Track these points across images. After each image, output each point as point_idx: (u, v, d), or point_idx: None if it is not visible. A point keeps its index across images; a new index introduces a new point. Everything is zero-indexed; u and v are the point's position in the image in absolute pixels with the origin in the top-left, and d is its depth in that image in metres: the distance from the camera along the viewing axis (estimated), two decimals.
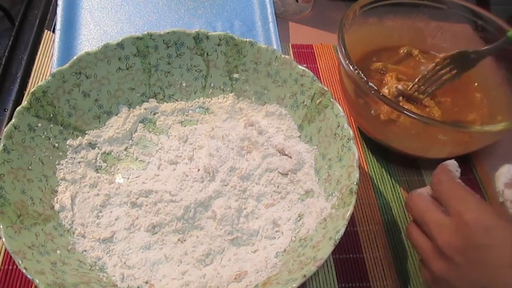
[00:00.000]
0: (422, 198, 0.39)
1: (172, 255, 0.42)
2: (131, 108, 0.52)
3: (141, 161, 0.49)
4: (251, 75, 0.52)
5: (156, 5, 0.65)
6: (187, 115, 0.53)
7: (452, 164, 0.39)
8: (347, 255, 0.46)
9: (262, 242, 0.44)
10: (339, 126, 0.45)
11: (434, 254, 0.36)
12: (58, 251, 0.40)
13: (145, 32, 0.51)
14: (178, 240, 0.43)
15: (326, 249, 0.37)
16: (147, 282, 0.41)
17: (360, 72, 0.45)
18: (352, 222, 0.48)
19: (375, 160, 0.53)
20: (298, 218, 0.45)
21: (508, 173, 0.38)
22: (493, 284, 0.33)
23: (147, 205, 0.45)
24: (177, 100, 0.54)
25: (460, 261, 0.34)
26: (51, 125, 0.47)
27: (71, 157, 0.47)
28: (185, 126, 0.52)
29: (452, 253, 0.34)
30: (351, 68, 0.46)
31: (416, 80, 0.52)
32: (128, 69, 0.51)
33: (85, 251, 0.42)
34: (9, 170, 0.42)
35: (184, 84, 0.54)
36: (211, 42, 0.52)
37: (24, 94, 0.56)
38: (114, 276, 0.41)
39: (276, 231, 0.44)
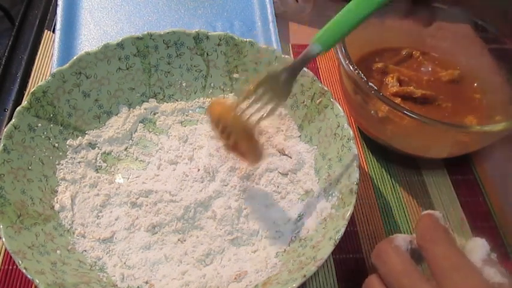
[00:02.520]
0: (400, 254, 0.32)
1: (172, 255, 0.42)
2: (131, 108, 0.52)
3: (141, 161, 0.49)
4: (251, 75, 0.52)
5: (156, 5, 0.65)
6: (187, 115, 0.53)
7: (440, 217, 0.34)
8: (347, 255, 0.46)
9: (262, 242, 0.44)
10: (339, 126, 0.45)
11: None
12: (58, 251, 0.40)
13: (145, 32, 0.51)
14: (178, 240, 0.43)
15: (326, 249, 0.37)
16: (147, 282, 0.41)
17: (360, 72, 0.45)
18: (352, 222, 0.48)
19: (375, 160, 0.53)
20: (298, 218, 0.45)
21: (482, 247, 0.33)
22: None
23: (147, 205, 0.45)
24: (177, 100, 0.54)
25: None
26: (51, 125, 0.47)
27: (71, 157, 0.47)
28: (185, 126, 0.52)
29: None
30: (351, 68, 0.46)
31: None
32: (127, 69, 0.51)
33: (85, 251, 0.42)
34: (9, 170, 0.42)
35: (184, 84, 0.54)
36: (211, 42, 0.52)
37: (24, 94, 0.56)
38: (114, 276, 0.41)
39: (276, 231, 0.44)
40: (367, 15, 0.38)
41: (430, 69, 0.55)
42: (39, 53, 0.60)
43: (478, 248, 0.32)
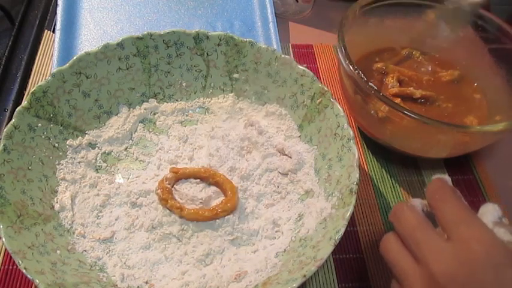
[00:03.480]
0: (415, 212, 0.34)
1: (172, 255, 0.42)
2: (131, 108, 0.52)
3: (141, 161, 0.49)
4: (251, 75, 0.52)
5: (156, 5, 0.65)
6: (187, 115, 0.53)
7: (449, 180, 0.36)
8: (347, 255, 0.46)
9: (262, 242, 0.44)
10: (339, 126, 0.45)
11: (421, 281, 0.31)
12: (58, 251, 0.40)
13: (145, 32, 0.51)
14: (178, 240, 0.43)
15: (326, 249, 0.37)
16: (147, 282, 0.41)
17: (360, 72, 0.45)
18: (352, 222, 0.48)
19: (375, 160, 0.53)
20: (298, 218, 0.45)
21: (494, 211, 0.34)
22: None
23: (147, 205, 0.45)
24: (177, 100, 0.54)
25: None
26: (51, 125, 0.47)
27: (71, 157, 0.47)
28: (185, 126, 0.52)
29: (448, 284, 0.29)
30: (351, 68, 0.46)
31: None
32: (128, 69, 0.51)
33: (85, 251, 0.42)
34: (9, 170, 0.42)
35: (184, 84, 0.54)
36: (211, 42, 0.52)
37: (24, 94, 0.56)
38: (114, 276, 0.41)
39: (276, 231, 0.44)
40: None
41: (430, 69, 0.55)
42: (39, 53, 0.60)
43: (489, 211, 0.34)
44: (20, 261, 0.36)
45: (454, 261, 0.30)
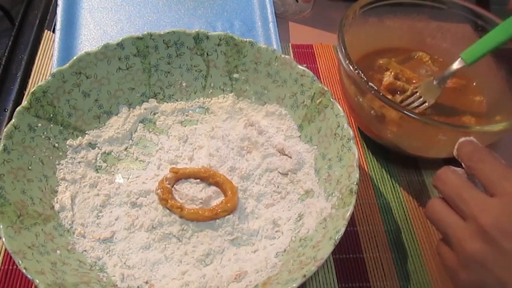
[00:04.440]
0: (458, 175, 0.35)
1: (172, 255, 0.42)
2: (131, 108, 0.52)
3: (141, 161, 0.49)
4: (251, 75, 0.52)
5: (156, 5, 0.65)
6: (187, 115, 0.53)
7: (475, 140, 0.37)
8: (347, 255, 0.46)
9: (262, 242, 0.44)
10: (339, 126, 0.45)
11: (471, 235, 0.32)
12: (58, 251, 0.40)
13: (145, 32, 0.51)
14: (178, 240, 0.43)
15: (326, 249, 0.37)
16: (147, 282, 0.41)
17: (360, 72, 0.45)
18: (352, 222, 0.48)
19: (375, 160, 0.53)
20: (298, 218, 0.45)
21: None
22: None
23: (147, 205, 0.45)
24: (177, 100, 0.54)
25: (508, 245, 0.30)
26: (51, 125, 0.47)
27: (71, 157, 0.47)
28: (185, 126, 0.52)
29: (499, 236, 0.31)
30: (351, 68, 0.46)
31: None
32: (128, 69, 0.51)
33: (85, 251, 0.42)
34: (9, 170, 0.42)
35: (184, 84, 0.54)
36: (211, 42, 0.52)
37: (24, 94, 0.56)
38: (114, 276, 0.41)
39: (276, 231, 0.44)
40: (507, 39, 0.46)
41: (434, 74, 0.55)
42: (39, 53, 0.60)
43: None
44: (20, 261, 0.36)
45: (502, 213, 0.31)
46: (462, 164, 0.37)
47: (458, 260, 0.34)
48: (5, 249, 0.43)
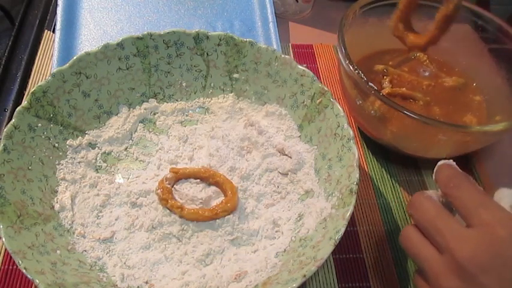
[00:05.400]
0: (433, 202, 0.34)
1: (172, 255, 0.42)
2: (131, 108, 0.52)
3: (141, 161, 0.49)
4: (251, 75, 0.52)
5: (156, 5, 0.65)
6: (187, 115, 0.53)
7: (455, 165, 0.36)
8: (347, 255, 0.46)
9: (262, 242, 0.44)
10: (339, 126, 0.45)
11: (447, 269, 0.31)
12: (58, 251, 0.40)
13: (145, 32, 0.51)
14: (178, 240, 0.43)
15: (326, 249, 0.37)
16: (147, 282, 0.41)
17: (360, 72, 0.45)
18: (352, 222, 0.48)
19: (375, 160, 0.53)
20: (298, 218, 0.45)
21: (509, 195, 0.34)
22: None
23: (147, 205, 0.45)
24: (177, 100, 0.54)
25: (485, 281, 0.29)
26: (51, 125, 0.47)
27: (71, 157, 0.47)
28: (185, 126, 0.52)
29: (475, 271, 0.29)
30: (351, 68, 0.46)
31: None
32: (128, 69, 0.51)
33: (85, 251, 0.42)
34: (9, 170, 0.42)
35: (184, 84, 0.54)
36: (211, 42, 0.52)
37: (24, 94, 0.56)
38: (114, 276, 0.41)
39: (276, 231, 0.44)
40: None
41: (433, 74, 0.55)
42: (39, 53, 0.60)
43: (505, 196, 0.34)
44: (20, 261, 0.36)
45: (479, 246, 0.30)
46: (439, 189, 0.36)
47: None
48: (5, 249, 0.43)
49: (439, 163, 0.37)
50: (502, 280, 0.29)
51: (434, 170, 0.37)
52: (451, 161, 0.37)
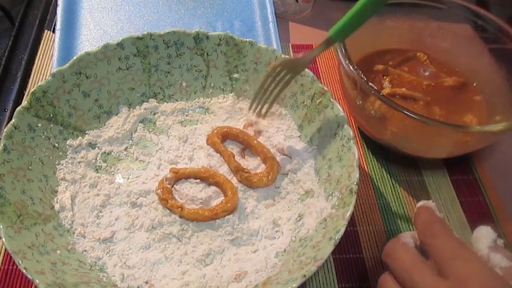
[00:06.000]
0: (408, 251, 0.34)
1: (172, 255, 0.42)
2: (131, 108, 0.52)
3: (141, 161, 0.49)
4: (251, 75, 0.52)
5: (156, 5, 0.65)
6: (187, 115, 0.53)
7: (435, 208, 0.36)
8: (347, 255, 0.46)
9: (262, 242, 0.44)
10: (339, 126, 0.45)
11: None
12: (58, 251, 0.40)
13: (145, 32, 0.51)
14: (178, 240, 0.43)
15: (326, 249, 0.37)
16: (147, 282, 0.41)
17: (360, 72, 0.45)
18: (352, 222, 0.48)
19: (375, 160, 0.53)
20: (298, 218, 0.45)
21: (488, 235, 0.34)
22: None
23: (147, 205, 0.45)
24: (177, 100, 0.54)
25: None
26: (51, 125, 0.47)
27: (71, 157, 0.47)
28: (185, 126, 0.52)
29: None
30: (351, 68, 0.46)
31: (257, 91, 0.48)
32: (128, 69, 0.51)
33: (85, 251, 0.42)
34: (9, 170, 0.42)
35: (184, 84, 0.54)
36: (211, 42, 0.52)
37: (24, 94, 0.56)
38: (114, 276, 0.41)
39: (276, 231, 0.44)
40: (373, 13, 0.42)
41: (433, 74, 0.55)
42: (39, 53, 0.60)
43: (483, 236, 0.34)
44: (20, 261, 0.36)
45: None
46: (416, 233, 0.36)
47: None
48: (5, 249, 0.43)
49: (418, 204, 0.37)
50: None
51: (414, 212, 0.37)
52: (430, 201, 0.37)
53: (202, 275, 0.41)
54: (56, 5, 0.62)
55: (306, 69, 0.49)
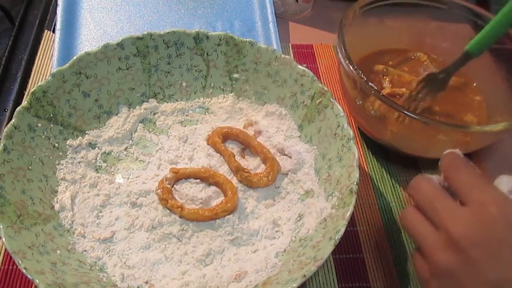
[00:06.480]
0: (431, 183, 0.36)
1: (172, 255, 0.42)
2: (131, 108, 0.52)
3: (141, 161, 0.49)
4: (251, 75, 0.52)
5: (156, 5, 0.65)
6: (187, 115, 0.53)
7: (460, 153, 0.37)
8: (347, 255, 0.46)
9: (262, 242, 0.44)
10: (339, 126, 0.45)
11: (442, 245, 0.33)
12: (58, 251, 0.40)
13: (145, 32, 0.51)
14: (178, 240, 0.43)
15: (326, 249, 0.37)
16: (147, 282, 0.41)
17: (360, 72, 0.45)
18: (352, 222, 0.48)
19: (375, 160, 0.53)
20: (298, 218, 0.45)
21: (509, 182, 0.35)
22: (510, 282, 0.30)
23: (147, 205, 0.45)
24: (177, 100, 0.54)
25: (476, 255, 0.31)
26: (51, 125, 0.47)
27: (71, 157, 0.47)
28: (185, 126, 0.52)
29: (467, 246, 0.31)
30: (351, 68, 0.46)
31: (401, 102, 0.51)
32: (128, 69, 0.51)
33: (85, 251, 0.42)
34: (9, 170, 0.42)
35: (184, 84, 0.54)
36: (211, 42, 0.52)
37: (24, 94, 0.56)
38: (114, 276, 0.41)
39: (276, 231, 0.44)
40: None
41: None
42: (39, 53, 0.60)
43: (504, 182, 0.35)
44: (20, 261, 0.36)
45: (472, 223, 0.32)
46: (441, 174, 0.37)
47: (429, 270, 0.34)
48: (5, 249, 0.43)
49: (445, 151, 0.38)
50: (491, 253, 0.31)
51: (441, 158, 0.38)
52: (458, 150, 0.38)
53: (202, 275, 0.41)
54: (56, 5, 0.62)
55: (306, 69, 0.49)
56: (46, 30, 0.63)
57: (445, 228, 0.33)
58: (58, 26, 0.60)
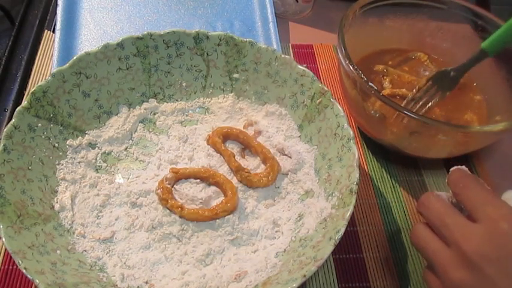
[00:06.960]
0: (442, 201, 0.36)
1: (172, 255, 0.42)
2: (131, 108, 0.52)
3: (141, 161, 0.49)
4: (251, 75, 0.52)
5: (156, 5, 0.65)
6: (187, 115, 0.53)
7: (467, 170, 0.38)
8: (347, 255, 0.46)
9: (262, 242, 0.44)
10: (339, 126, 0.45)
11: (455, 262, 0.33)
12: (58, 251, 0.40)
13: (145, 32, 0.51)
14: (178, 240, 0.43)
15: (326, 249, 0.37)
16: (147, 282, 0.41)
17: (360, 72, 0.45)
18: (352, 222, 0.48)
19: (375, 160, 0.53)
20: (298, 218, 0.45)
21: None
22: None
23: (147, 205, 0.45)
24: (177, 100, 0.54)
25: (490, 271, 0.31)
26: (51, 125, 0.47)
27: (71, 157, 0.47)
28: (185, 126, 0.52)
29: (481, 262, 0.31)
30: (351, 68, 0.46)
31: (405, 102, 0.51)
32: (128, 69, 0.51)
33: (85, 251, 0.42)
34: (9, 170, 0.42)
35: (184, 84, 0.54)
36: (211, 42, 0.52)
37: (24, 94, 0.56)
38: (114, 276, 0.41)
39: (276, 231, 0.44)
40: None
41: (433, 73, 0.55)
42: (39, 53, 0.60)
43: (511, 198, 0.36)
44: (20, 261, 0.36)
45: (484, 239, 0.32)
46: (450, 190, 0.37)
47: (443, 287, 0.34)
48: (5, 249, 0.43)
49: (452, 169, 0.39)
50: (505, 270, 0.31)
51: (448, 174, 0.38)
52: (464, 166, 0.39)
53: (202, 275, 0.41)
54: (56, 5, 0.62)
55: (306, 69, 0.49)
56: (46, 30, 0.63)
57: (457, 244, 0.33)
58: (58, 26, 0.60)
